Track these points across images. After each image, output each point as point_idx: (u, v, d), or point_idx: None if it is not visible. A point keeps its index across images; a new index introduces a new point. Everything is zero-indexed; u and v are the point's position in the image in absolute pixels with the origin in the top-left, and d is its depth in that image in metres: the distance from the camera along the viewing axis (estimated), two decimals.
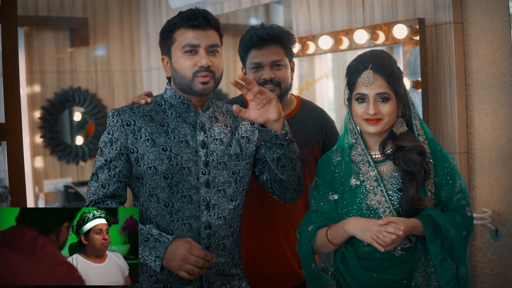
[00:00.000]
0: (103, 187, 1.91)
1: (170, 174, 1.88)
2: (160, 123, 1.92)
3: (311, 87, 3.46)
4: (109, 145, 1.91)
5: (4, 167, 2.39)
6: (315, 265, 1.99)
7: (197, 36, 1.89)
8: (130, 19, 4.90)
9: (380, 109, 1.88)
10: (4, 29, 2.38)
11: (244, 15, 4.43)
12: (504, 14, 2.71)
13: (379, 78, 1.88)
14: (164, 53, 2.00)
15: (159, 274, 1.91)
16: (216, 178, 1.93)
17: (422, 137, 1.95)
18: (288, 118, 2.33)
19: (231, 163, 1.96)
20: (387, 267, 1.88)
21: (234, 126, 2.03)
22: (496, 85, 2.76)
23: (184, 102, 1.95)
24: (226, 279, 1.98)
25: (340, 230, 1.89)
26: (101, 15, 4.76)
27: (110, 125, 1.92)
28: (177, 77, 1.93)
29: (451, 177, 1.93)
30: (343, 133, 2.02)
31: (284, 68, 2.29)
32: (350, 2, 3.24)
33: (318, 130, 2.36)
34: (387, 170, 1.93)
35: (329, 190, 1.97)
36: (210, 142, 1.94)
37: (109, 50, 4.82)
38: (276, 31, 2.28)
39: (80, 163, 4.65)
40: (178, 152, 1.90)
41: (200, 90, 1.90)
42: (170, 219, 1.90)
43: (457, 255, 1.85)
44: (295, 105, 2.39)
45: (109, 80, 4.81)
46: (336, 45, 3.19)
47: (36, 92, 4.49)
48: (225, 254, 1.98)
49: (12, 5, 2.41)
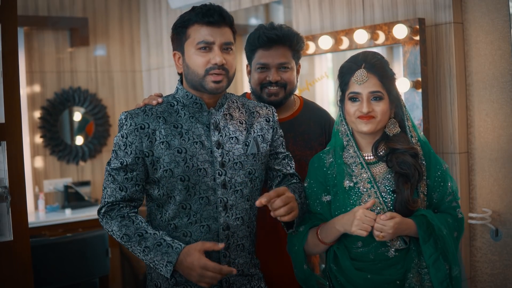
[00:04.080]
0: (120, 189, 1.89)
1: (187, 176, 1.86)
2: (174, 124, 1.90)
3: (311, 87, 3.46)
4: (123, 148, 1.87)
5: (4, 167, 2.39)
6: (306, 265, 1.99)
7: (212, 33, 1.86)
8: (130, 19, 4.90)
9: (373, 107, 1.89)
10: (4, 29, 2.38)
11: (244, 15, 4.43)
12: (504, 14, 2.71)
13: (372, 77, 1.89)
14: (176, 49, 1.94)
15: (178, 277, 1.89)
16: (232, 179, 1.91)
17: (415, 139, 1.96)
18: (291, 119, 2.33)
19: (247, 163, 1.94)
20: (381, 268, 1.88)
21: (249, 123, 2.00)
22: (496, 85, 2.76)
23: (197, 102, 1.92)
24: (246, 279, 1.97)
25: (330, 229, 1.90)
26: (101, 15, 4.76)
27: (124, 128, 1.88)
28: (189, 73, 1.90)
29: (442, 179, 1.94)
30: (334, 134, 2.02)
31: (290, 71, 2.27)
32: (350, 2, 3.24)
33: (321, 131, 2.35)
34: (380, 172, 1.93)
35: (322, 192, 1.97)
36: (226, 141, 1.92)
37: (109, 50, 4.82)
38: (285, 33, 2.25)
39: (80, 163, 4.65)
40: (194, 153, 1.87)
41: (213, 88, 1.88)
42: (188, 221, 1.88)
43: (450, 256, 1.86)
44: (298, 105, 2.38)
45: (109, 80, 4.81)
46: (336, 45, 3.19)
47: (36, 92, 4.49)
48: (244, 255, 1.97)
49: (12, 5, 2.41)
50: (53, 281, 3.30)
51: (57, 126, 4.56)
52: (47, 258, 3.26)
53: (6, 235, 2.39)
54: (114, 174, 1.89)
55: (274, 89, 2.23)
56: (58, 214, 4.28)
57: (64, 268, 3.33)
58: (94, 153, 4.70)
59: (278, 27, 2.26)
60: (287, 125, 2.31)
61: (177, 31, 1.93)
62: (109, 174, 1.90)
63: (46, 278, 3.25)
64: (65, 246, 3.36)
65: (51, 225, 4.08)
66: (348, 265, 1.90)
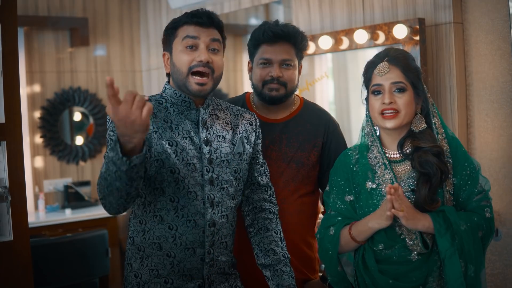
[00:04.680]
0: None
1: (177, 169, 1.86)
2: (164, 119, 1.91)
3: (311, 87, 3.46)
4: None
5: (4, 167, 2.39)
6: (340, 267, 1.96)
7: (198, 31, 1.89)
8: (130, 19, 4.90)
9: (396, 99, 1.86)
10: (4, 29, 2.38)
11: (244, 15, 4.44)
12: (504, 14, 2.71)
13: (394, 68, 1.87)
14: (166, 49, 1.97)
15: (160, 269, 1.90)
16: (220, 176, 1.92)
17: (442, 136, 1.91)
18: (288, 119, 2.31)
19: (234, 161, 1.96)
20: (404, 271, 1.85)
21: (235, 123, 2.02)
22: (496, 85, 2.76)
23: (186, 100, 1.94)
24: (225, 277, 1.99)
25: (363, 226, 1.87)
26: (101, 15, 4.76)
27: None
28: (174, 72, 1.92)
29: (470, 178, 1.88)
30: (360, 134, 2.01)
31: (293, 69, 2.25)
32: (350, 2, 3.24)
33: (318, 133, 2.30)
34: (405, 171, 1.90)
35: (345, 191, 1.95)
36: (213, 139, 1.94)
37: (109, 50, 4.82)
38: (290, 30, 2.24)
39: (80, 163, 4.65)
40: (184, 147, 1.88)
41: (195, 91, 1.89)
42: (175, 215, 1.88)
43: (466, 253, 1.80)
44: (297, 106, 2.35)
45: None
46: (336, 45, 3.19)
47: (36, 92, 4.49)
48: (227, 253, 1.98)
49: (12, 5, 2.41)
50: (53, 281, 3.30)
51: (57, 126, 4.56)
52: (47, 258, 3.26)
53: (6, 235, 2.39)
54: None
55: (275, 85, 2.22)
56: (58, 214, 4.28)
57: (64, 268, 3.33)
58: (94, 153, 4.70)
59: (283, 24, 2.26)
60: (283, 126, 2.29)
61: (168, 33, 1.96)
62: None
63: (46, 278, 3.25)
64: (65, 246, 3.36)
65: (51, 225, 4.08)
66: (373, 266, 1.88)
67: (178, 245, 1.88)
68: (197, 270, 1.91)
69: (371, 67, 1.93)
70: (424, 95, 1.92)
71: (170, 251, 1.89)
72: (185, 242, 1.88)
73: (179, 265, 1.89)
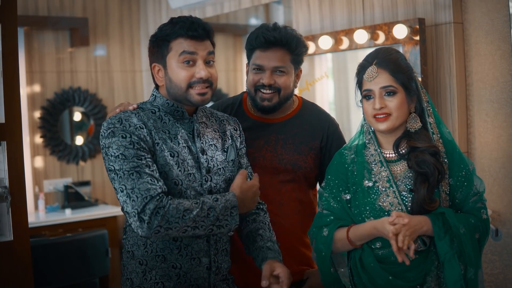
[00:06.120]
0: (158, 180, 1.77)
1: (180, 180, 1.85)
2: (161, 129, 1.88)
3: (311, 87, 3.46)
4: (132, 146, 1.78)
5: (4, 167, 2.39)
6: (333, 268, 1.96)
7: (195, 46, 1.86)
8: (130, 19, 4.90)
9: (387, 103, 1.86)
10: (4, 29, 2.38)
11: (244, 15, 4.44)
12: (504, 14, 2.71)
13: (383, 72, 1.87)
14: (157, 61, 1.93)
15: (166, 281, 1.87)
16: (217, 185, 1.92)
17: (437, 136, 1.91)
18: (284, 120, 2.27)
19: (228, 169, 1.96)
20: (402, 270, 1.84)
21: (222, 131, 2.02)
22: (496, 85, 2.76)
23: (178, 110, 1.91)
24: (226, 282, 2.00)
25: (362, 232, 1.86)
26: (101, 15, 4.76)
27: (123, 129, 1.80)
28: (171, 87, 1.88)
29: (466, 179, 1.89)
30: (358, 132, 2.01)
31: (286, 75, 2.18)
32: (350, 2, 3.24)
33: (316, 135, 2.27)
34: (401, 170, 1.90)
35: (342, 190, 1.95)
36: (207, 148, 1.93)
37: (109, 50, 4.82)
38: (284, 36, 2.16)
39: (80, 163, 4.65)
40: (184, 158, 1.87)
41: (198, 101, 1.87)
42: None
43: (466, 256, 1.81)
44: (295, 107, 2.31)
45: (109, 80, 4.81)
46: (336, 45, 3.19)
47: (36, 92, 4.49)
48: (227, 259, 1.99)
49: (12, 5, 2.41)
50: (53, 281, 3.30)
51: (57, 126, 4.56)
52: (47, 258, 3.26)
53: (6, 235, 2.39)
54: (136, 171, 1.76)
55: (268, 93, 2.17)
56: (58, 214, 4.28)
57: (64, 268, 3.33)
58: (94, 153, 4.70)
59: (281, 28, 2.18)
60: (279, 127, 2.25)
61: (158, 44, 1.92)
62: (128, 175, 1.75)
63: (46, 278, 3.25)
64: (65, 246, 3.36)
65: (51, 225, 4.08)
66: (373, 265, 1.87)
67: (183, 256, 1.88)
68: (203, 279, 1.91)
69: (361, 71, 1.93)
70: (418, 94, 1.91)
71: (176, 262, 1.87)
72: (190, 252, 1.88)
73: (186, 276, 1.88)
